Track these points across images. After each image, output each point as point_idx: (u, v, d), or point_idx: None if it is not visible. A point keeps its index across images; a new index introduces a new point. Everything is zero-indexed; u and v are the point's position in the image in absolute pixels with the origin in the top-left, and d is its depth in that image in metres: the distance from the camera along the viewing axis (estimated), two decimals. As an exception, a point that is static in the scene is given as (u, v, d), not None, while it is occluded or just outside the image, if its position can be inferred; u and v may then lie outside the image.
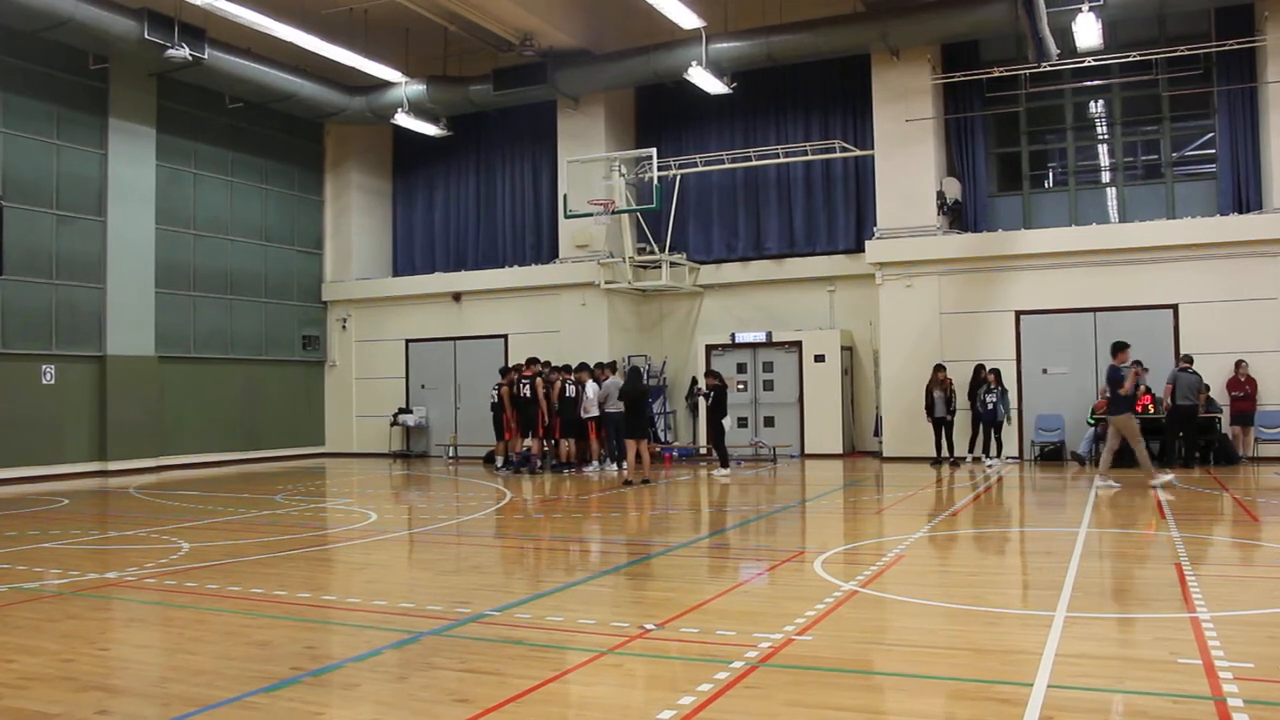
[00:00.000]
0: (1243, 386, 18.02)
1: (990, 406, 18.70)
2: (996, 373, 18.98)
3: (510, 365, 21.46)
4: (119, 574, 9.06)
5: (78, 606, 7.75)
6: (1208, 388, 18.01)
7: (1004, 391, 18.86)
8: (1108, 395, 14.68)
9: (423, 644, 6.34)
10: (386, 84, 23.24)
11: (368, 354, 26.11)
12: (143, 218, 21.52)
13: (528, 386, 19.72)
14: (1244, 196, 19.36)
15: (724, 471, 18.12)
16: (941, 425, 19.23)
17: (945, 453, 19.24)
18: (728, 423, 18.10)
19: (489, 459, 21.60)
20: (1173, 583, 7.92)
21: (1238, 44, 18.99)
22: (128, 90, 21.05)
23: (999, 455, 18.97)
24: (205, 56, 19.91)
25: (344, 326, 26.29)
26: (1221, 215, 19.18)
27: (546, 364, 20.59)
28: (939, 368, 19.29)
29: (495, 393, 20.48)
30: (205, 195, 23.30)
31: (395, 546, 11.12)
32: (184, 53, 19.32)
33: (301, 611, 7.39)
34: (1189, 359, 17.67)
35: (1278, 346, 18.09)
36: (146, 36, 18.82)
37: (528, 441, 20.18)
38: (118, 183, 20.96)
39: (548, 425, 19.77)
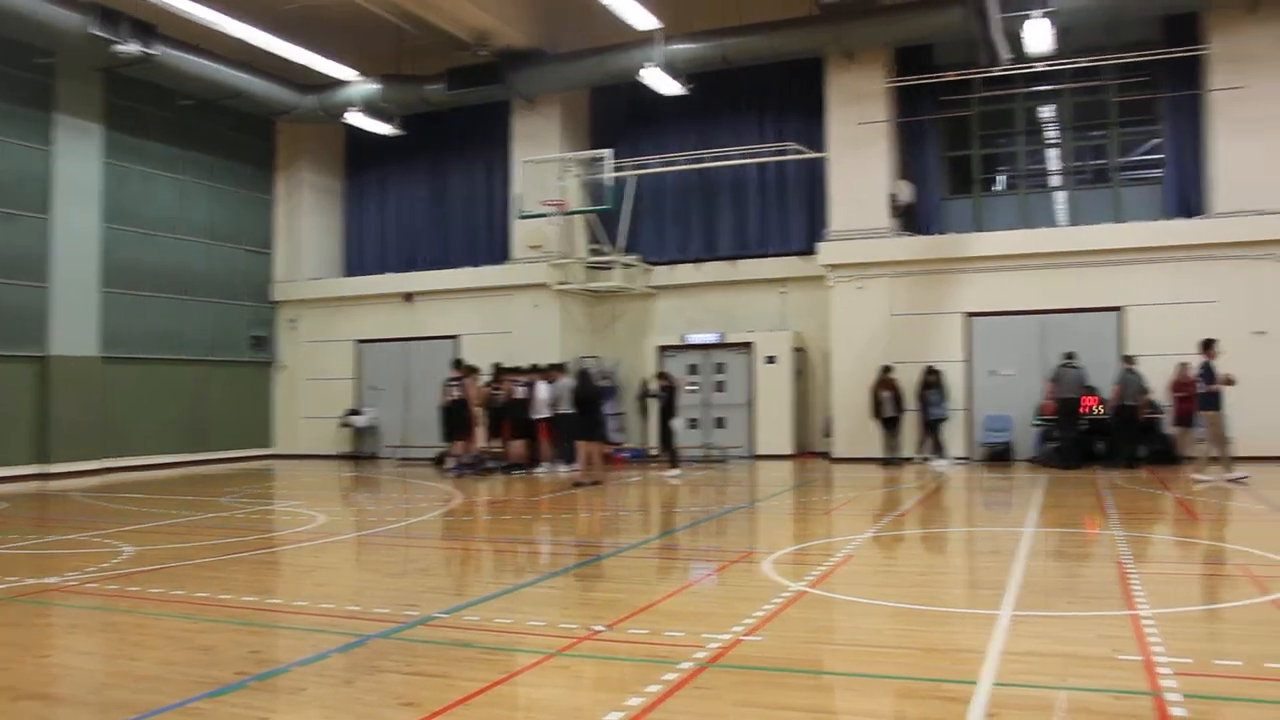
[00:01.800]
0: (1185, 388, 18.28)
1: (930, 406, 19.14)
2: (937, 373, 19.30)
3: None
4: (59, 579, 8.90)
5: (15, 613, 7.59)
6: (1150, 390, 18.33)
7: (942, 395, 19.33)
8: (1201, 390, 14.89)
9: (369, 647, 6.28)
10: (339, 82, 23.05)
11: (317, 355, 25.86)
12: (88, 215, 21.15)
13: (456, 389, 19.60)
14: (1188, 201, 19.70)
15: (674, 473, 18.14)
16: (891, 426, 19.40)
17: (894, 453, 19.40)
18: (677, 424, 18.13)
19: (439, 460, 21.46)
20: (1115, 580, 8.04)
21: (1184, 52, 19.33)
22: (74, 85, 20.68)
23: (942, 455, 19.22)
24: (155, 52, 19.61)
25: (294, 327, 26.03)
26: (1167, 220, 19.50)
27: (495, 367, 20.54)
28: (886, 369, 19.44)
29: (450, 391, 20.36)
30: (153, 193, 22.96)
31: (343, 549, 11.02)
32: (133, 48, 19.03)
33: (247, 615, 7.29)
34: (1132, 360, 18.00)
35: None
36: (94, 31, 18.49)
37: (481, 445, 20.13)
38: (63, 179, 20.58)
39: (482, 427, 19.76)
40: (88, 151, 21.13)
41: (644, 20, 19.28)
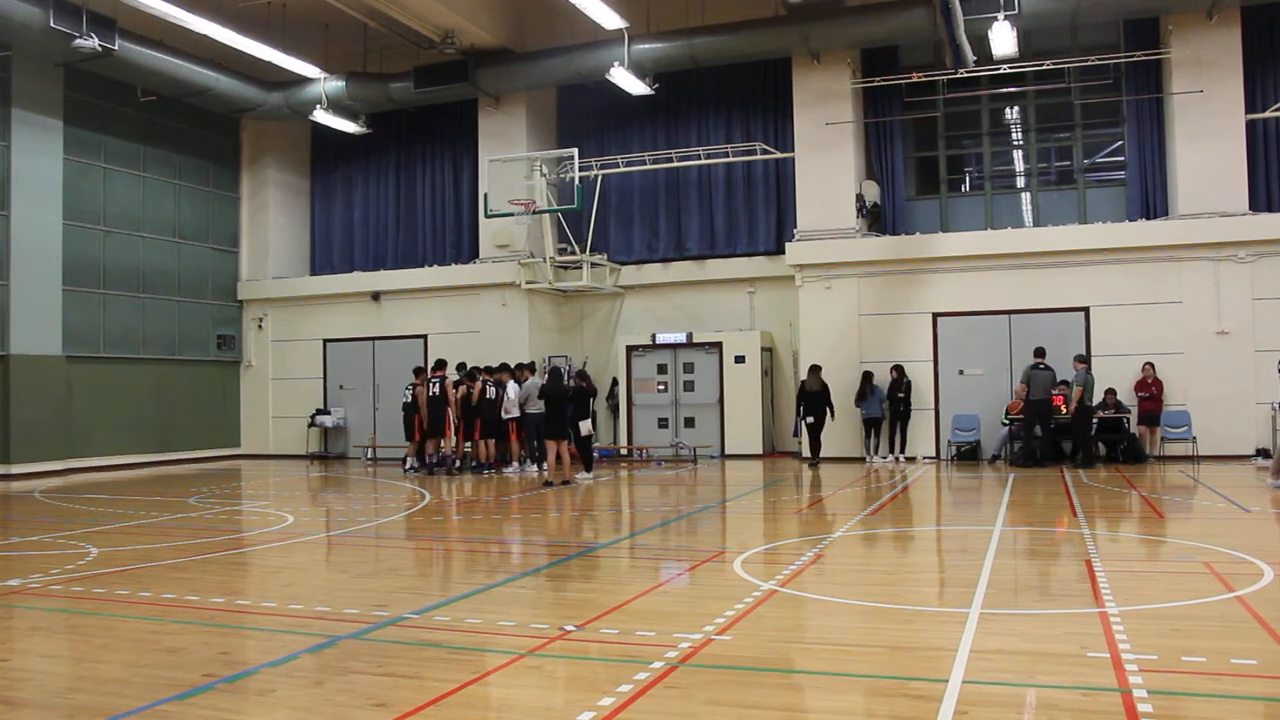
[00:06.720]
0: (1149, 388, 18.52)
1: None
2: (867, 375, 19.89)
3: (430, 366, 21.30)
4: (22, 581, 8.78)
5: (-22, 614, 7.50)
6: (1114, 392, 18.59)
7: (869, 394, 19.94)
8: None
9: (339, 648, 6.24)
10: (305, 80, 22.89)
11: (285, 354, 25.68)
12: (49, 212, 20.87)
13: (437, 386, 19.55)
14: (1151, 203, 19.95)
15: (584, 475, 17.87)
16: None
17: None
18: (585, 426, 17.90)
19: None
20: (1083, 578, 8.12)
21: (1145, 56, 19.57)
22: (32, 81, 20.38)
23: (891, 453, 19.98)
24: (115, 47, 19.37)
25: (260, 326, 25.82)
26: (1130, 221, 19.71)
27: (461, 365, 20.45)
28: (815, 368, 19.54)
29: (409, 393, 20.31)
30: (115, 190, 22.70)
31: (312, 549, 10.95)
32: (93, 43, 18.78)
33: (215, 617, 7.23)
34: (1086, 360, 18.50)
35: (1183, 349, 18.63)
36: (52, 25, 18.21)
37: (448, 443, 20.04)
38: (21, 176, 20.29)
39: (456, 426, 19.63)
40: (47, 148, 20.85)
41: (611, 20, 19.29)
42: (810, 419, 19.49)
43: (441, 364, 20.21)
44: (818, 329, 20.83)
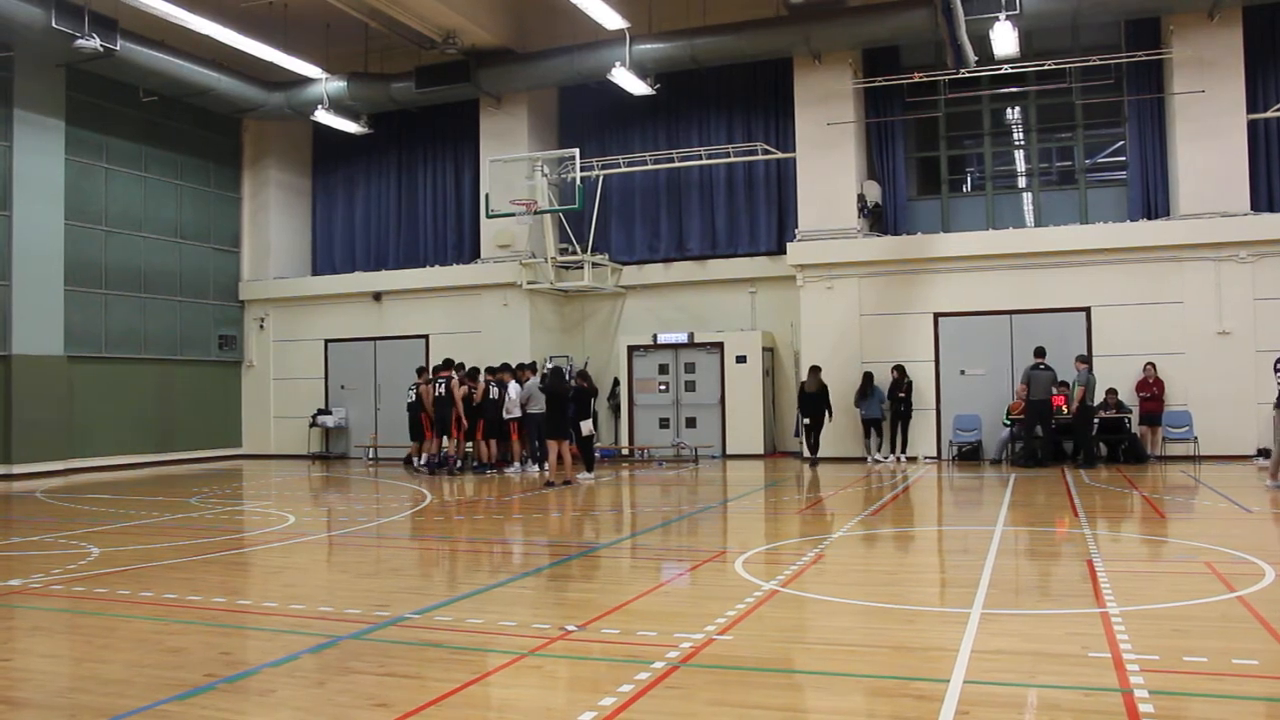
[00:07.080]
0: (1151, 388, 18.51)
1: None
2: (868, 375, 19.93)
3: (431, 366, 21.31)
4: (23, 581, 8.79)
5: (-20, 614, 7.50)
6: (1115, 392, 18.59)
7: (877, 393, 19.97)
8: None
9: (341, 648, 6.25)
10: (306, 80, 22.90)
11: (286, 354, 25.68)
12: (50, 213, 20.89)
13: (443, 386, 19.58)
14: (1153, 203, 19.94)
15: (586, 475, 17.82)
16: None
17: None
18: (586, 426, 17.84)
19: (409, 460, 21.36)
20: (1084, 578, 8.12)
21: (1146, 56, 19.57)
22: (33, 81, 20.39)
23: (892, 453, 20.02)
24: (117, 48, 19.38)
25: (262, 326, 25.83)
26: (1131, 221, 19.70)
27: (460, 366, 20.44)
28: (814, 369, 19.61)
29: (412, 392, 20.33)
30: (117, 190, 22.71)
31: (313, 549, 10.95)
32: (94, 43, 18.78)
33: (216, 617, 7.23)
34: (1088, 360, 18.55)
35: (1184, 349, 18.62)
36: (54, 25, 18.22)
37: (445, 442, 20.02)
38: (23, 176, 20.30)
39: (463, 426, 19.60)
40: (49, 148, 20.86)
41: (612, 20, 19.30)
42: (808, 420, 19.52)
43: (448, 363, 20.21)
44: (819, 329, 20.83)
